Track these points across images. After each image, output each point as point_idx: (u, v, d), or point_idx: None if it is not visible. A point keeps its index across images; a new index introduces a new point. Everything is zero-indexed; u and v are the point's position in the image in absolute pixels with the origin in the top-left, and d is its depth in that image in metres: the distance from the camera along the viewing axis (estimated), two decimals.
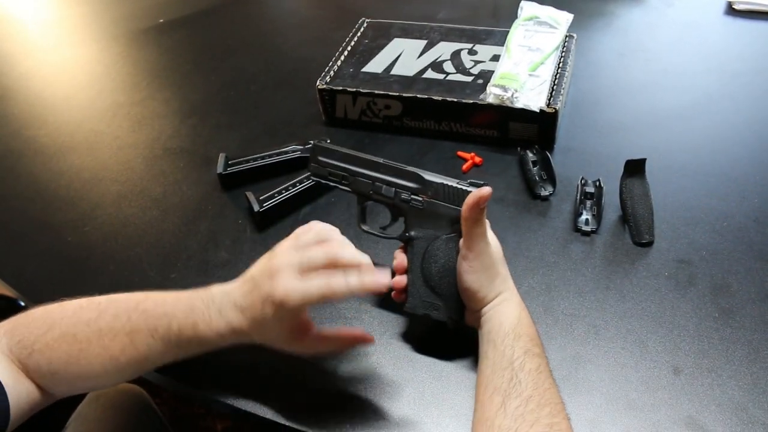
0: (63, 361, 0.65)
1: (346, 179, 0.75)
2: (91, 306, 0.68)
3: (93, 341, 0.65)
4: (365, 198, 0.76)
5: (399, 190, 0.73)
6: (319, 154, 0.77)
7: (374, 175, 0.74)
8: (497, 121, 1.00)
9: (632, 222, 0.86)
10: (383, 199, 0.74)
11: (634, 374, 0.71)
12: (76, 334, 0.66)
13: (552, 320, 0.77)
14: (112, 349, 0.65)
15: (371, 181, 0.74)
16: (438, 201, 0.72)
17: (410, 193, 0.73)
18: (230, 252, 0.90)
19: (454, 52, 1.11)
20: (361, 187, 0.75)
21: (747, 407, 0.67)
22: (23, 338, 0.66)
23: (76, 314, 0.67)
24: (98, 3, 1.60)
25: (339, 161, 0.76)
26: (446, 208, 0.71)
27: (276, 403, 0.71)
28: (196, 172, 1.04)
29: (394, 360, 0.74)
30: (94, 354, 0.65)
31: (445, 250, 0.70)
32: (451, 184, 0.71)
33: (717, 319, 0.76)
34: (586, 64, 1.20)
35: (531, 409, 0.58)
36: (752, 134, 1.02)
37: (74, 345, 0.65)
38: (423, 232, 0.71)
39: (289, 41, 1.39)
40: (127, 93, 1.25)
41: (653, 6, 1.38)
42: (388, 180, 0.74)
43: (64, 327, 0.66)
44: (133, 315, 0.66)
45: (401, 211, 0.74)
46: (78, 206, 1.00)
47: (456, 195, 0.71)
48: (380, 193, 0.74)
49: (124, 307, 0.67)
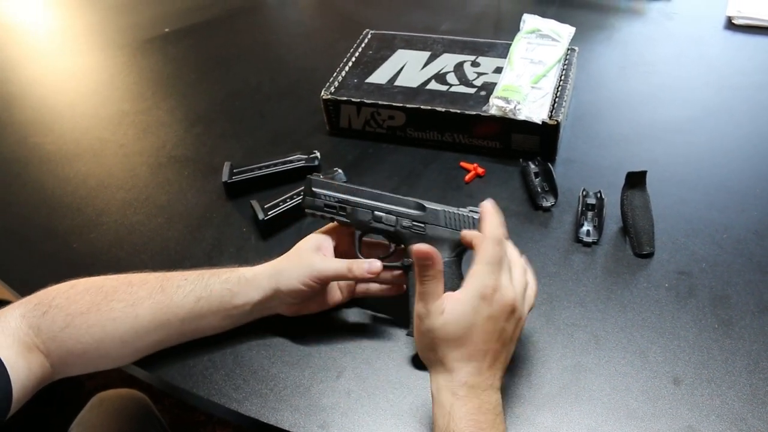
0: (83, 309, 0.67)
1: (344, 210, 0.76)
2: (120, 274, 0.74)
3: (120, 288, 0.69)
4: (364, 228, 0.76)
5: (400, 217, 0.74)
6: (315, 187, 0.77)
7: (375, 204, 0.75)
8: (500, 132, 1.01)
9: (633, 233, 0.87)
10: (383, 228, 0.75)
11: (635, 384, 0.72)
12: (103, 286, 0.70)
13: (553, 330, 0.78)
14: (138, 293, 0.69)
15: (371, 210, 0.75)
16: (440, 226, 0.73)
17: (411, 220, 0.74)
18: (235, 260, 0.90)
19: (457, 64, 1.12)
20: (361, 217, 0.75)
21: (746, 418, 0.68)
22: (41, 300, 0.68)
23: (103, 276, 0.72)
24: (104, 12, 1.62)
25: (337, 192, 0.76)
26: (449, 233, 0.73)
27: (278, 410, 0.71)
28: (201, 181, 1.05)
29: (399, 366, 0.75)
30: (118, 298, 0.68)
31: (447, 273, 0.70)
32: (453, 211, 0.74)
33: (717, 330, 0.77)
34: (587, 77, 1.21)
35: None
36: (752, 147, 1.03)
37: (99, 294, 0.68)
38: None
39: (293, 51, 1.40)
40: (132, 101, 1.26)
41: (654, 20, 1.40)
42: (390, 208, 0.75)
43: (91, 283, 0.70)
44: (167, 274, 0.72)
45: (401, 239, 0.75)
46: (83, 213, 1.01)
47: (458, 220, 0.73)
48: (381, 221, 0.75)
49: (158, 273, 0.74)
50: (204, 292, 0.71)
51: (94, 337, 0.68)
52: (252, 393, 0.73)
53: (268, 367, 0.76)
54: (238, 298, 0.73)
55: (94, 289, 0.69)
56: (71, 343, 0.67)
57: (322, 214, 0.77)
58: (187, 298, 0.71)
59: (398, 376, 0.74)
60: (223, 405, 0.73)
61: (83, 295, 0.68)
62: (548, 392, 0.72)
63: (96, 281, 0.71)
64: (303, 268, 0.72)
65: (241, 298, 0.73)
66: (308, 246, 0.74)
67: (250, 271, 0.74)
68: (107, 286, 0.70)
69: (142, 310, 0.69)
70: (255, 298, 0.73)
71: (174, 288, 0.71)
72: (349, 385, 0.74)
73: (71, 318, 0.67)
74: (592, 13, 1.42)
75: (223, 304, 0.72)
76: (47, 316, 0.66)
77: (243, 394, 0.73)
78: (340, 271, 0.72)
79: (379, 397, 0.72)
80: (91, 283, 0.71)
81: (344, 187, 0.77)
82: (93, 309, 0.67)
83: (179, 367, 0.76)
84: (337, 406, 0.72)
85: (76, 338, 0.67)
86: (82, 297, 0.68)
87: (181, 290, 0.71)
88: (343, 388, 0.73)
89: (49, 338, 0.66)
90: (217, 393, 0.74)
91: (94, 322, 0.67)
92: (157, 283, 0.71)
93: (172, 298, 0.70)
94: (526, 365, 0.74)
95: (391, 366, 0.75)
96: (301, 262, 0.73)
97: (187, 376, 0.75)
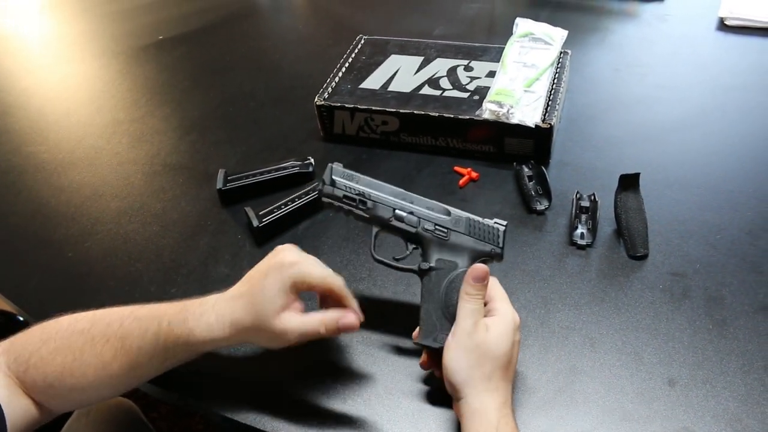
0: (58, 373, 0.66)
1: (364, 204, 0.72)
2: (86, 317, 0.69)
3: (86, 350, 0.66)
4: (382, 226, 0.73)
5: (423, 219, 0.72)
6: (335, 175, 0.73)
7: (398, 202, 0.73)
8: (493, 136, 1.02)
9: (627, 235, 0.87)
10: (403, 227, 0.72)
11: (630, 386, 0.72)
12: (70, 345, 0.66)
13: (548, 333, 0.78)
14: (104, 356, 0.65)
15: (393, 208, 0.73)
16: (463, 234, 0.72)
17: (435, 224, 0.72)
18: (230, 267, 0.90)
19: (450, 69, 1.13)
20: (381, 213, 0.72)
21: (741, 418, 0.68)
22: (19, 355, 0.67)
23: (70, 326, 0.68)
24: (98, 20, 1.62)
25: (359, 185, 0.73)
26: (472, 242, 0.72)
27: (275, 418, 0.71)
28: (196, 188, 1.05)
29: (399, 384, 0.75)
30: (87, 363, 0.66)
31: None
32: (478, 220, 0.73)
33: (711, 330, 0.77)
34: (580, 80, 1.21)
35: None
36: (745, 147, 1.03)
37: (68, 356, 0.66)
38: (444, 263, 0.71)
39: (287, 58, 1.40)
40: (126, 109, 1.26)
41: (647, 22, 1.40)
42: (413, 209, 0.73)
43: (59, 340, 0.67)
44: (126, 321, 0.66)
45: (421, 242, 0.72)
46: (78, 222, 1.01)
47: (481, 230, 0.72)
48: (402, 221, 0.72)
49: (118, 316, 0.67)
50: (167, 353, 0.66)
51: (78, 398, 0.69)
52: (250, 401, 0.73)
53: (267, 376, 0.76)
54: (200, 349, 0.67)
55: (63, 349, 0.66)
56: (59, 400, 0.68)
57: (341, 205, 0.73)
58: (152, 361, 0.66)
59: (395, 383, 0.74)
60: (220, 413, 0.72)
61: (54, 357, 0.66)
62: (543, 396, 0.71)
63: (63, 337, 0.67)
64: (269, 336, 0.65)
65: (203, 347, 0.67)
66: (274, 291, 0.65)
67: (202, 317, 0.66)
68: (73, 344, 0.66)
69: (113, 370, 0.66)
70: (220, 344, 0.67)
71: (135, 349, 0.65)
72: (350, 393, 0.73)
73: (50, 380, 0.66)
74: (585, 15, 1.43)
75: (189, 354, 0.67)
76: (28, 376, 0.66)
77: (240, 402, 0.73)
78: (311, 331, 0.66)
79: (375, 403, 0.72)
80: (59, 339, 0.67)
81: (366, 180, 0.74)
82: (66, 373, 0.65)
83: (174, 375, 0.75)
84: (333, 412, 0.71)
85: (61, 397, 0.67)
86: (54, 359, 0.66)
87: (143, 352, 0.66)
88: (339, 395, 0.73)
89: (36, 394, 0.67)
90: (213, 401, 0.74)
91: (72, 386, 0.66)
92: (119, 343, 0.66)
93: (137, 360, 0.66)
94: (521, 369, 0.74)
95: (386, 372, 0.75)
96: (265, 332, 0.65)
97: (183, 385, 0.75)
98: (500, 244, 0.72)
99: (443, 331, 0.68)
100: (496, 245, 0.72)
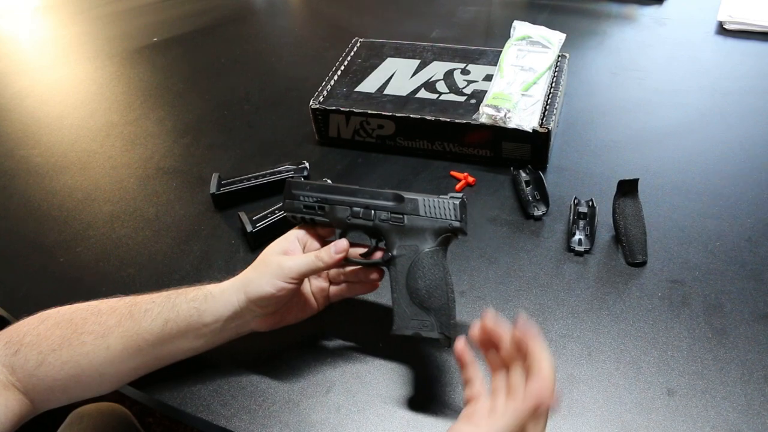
0: (54, 346, 0.65)
1: (322, 209, 0.74)
2: (90, 302, 0.71)
3: (89, 319, 0.68)
4: (344, 226, 0.74)
5: (377, 210, 0.73)
6: (294, 189, 0.75)
7: (352, 200, 0.74)
8: (490, 140, 1.01)
9: (625, 242, 0.86)
10: (361, 223, 0.73)
11: (628, 395, 0.71)
12: (72, 318, 0.68)
13: (545, 341, 0.77)
14: (107, 322, 0.67)
15: (349, 207, 0.73)
16: (419, 215, 0.71)
17: (389, 212, 0.72)
18: (223, 272, 0.89)
19: (447, 72, 1.12)
20: (340, 215, 0.74)
21: (741, 428, 0.67)
22: (11, 338, 0.66)
23: (73, 306, 0.70)
24: (93, 23, 1.61)
25: (314, 192, 0.75)
26: (429, 221, 0.71)
27: (267, 426, 0.70)
28: (190, 192, 1.04)
29: (388, 380, 0.74)
30: (88, 330, 0.66)
31: (431, 263, 0.69)
32: (433, 198, 0.72)
33: (710, 339, 0.76)
34: (578, 84, 1.20)
35: None
36: (744, 153, 1.02)
37: (68, 328, 0.67)
38: (405, 249, 0.71)
39: (282, 60, 1.39)
40: (120, 112, 1.25)
41: (645, 25, 1.39)
42: (366, 203, 0.73)
43: (60, 315, 0.68)
44: (136, 298, 0.71)
45: (381, 233, 0.73)
46: (71, 226, 0.99)
47: (438, 207, 0.71)
48: (359, 216, 0.73)
49: (128, 298, 0.71)
50: (171, 314, 0.69)
51: (69, 373, 0.67)
52: (240, 409, 0.72)
53: (257, 383, 0.75)
54: (207, 316, 0.69)
55: (64, 322, 0.67)
56: (49, 381, 0.66)
57: (302, 216, 0.74)
58: (155, 322, 0.68)
59: (388, 390, 0.73)
60: (212, 422, 0.71)
61: (53, 330, 0.66)
62: None
63: (65, 313, 0.69)
64: (270, 271, 0.69)
65: (210, 316, 0.69)
66: (273, 251, 0.72)
67: (217, 287, 0.71)
68: (76, 317, 0.68)
69: (112, 339, 0.67)
70: (224, 314, 0.70)
71: (142, 313, 0.68)
72: (338, 400, 0.72)
73: (44, 356, 0.65)
74: (583, 19, 1.42)
75: (192, 324, 0.69)
76: (19, 356, 0.65)
77: (231, 411, 0.72)
78: (309, 263, 0.69)
79: (369, 412, 0.71)
80: (60, 315, 0.69)
81: (322, 186, 0.75)
82: (64, 344, 0.66)
83: (167, 383, 0.74)
84: (326, 421, 0.70)
85: (52, 376, 0.66)
86: (53, 332, 0.66)
87: (149, 314, 0.68)
88: (333, 403, 0.72)
89: (25, 377, 0.65)
90: (205, 409, 0.73)
91: (67, 359, 0.66)
92: (126, 309, 0.69)
93: (140, 323, 0.68)
94: None
95: (381, 379, 0.74)
96: (267, 267, 0.70)
97: (175, 393, 0.74)
98: (457, 217, 0.71)
99: (415, 317, 0.69)
100: (453, 219, 0.71)
